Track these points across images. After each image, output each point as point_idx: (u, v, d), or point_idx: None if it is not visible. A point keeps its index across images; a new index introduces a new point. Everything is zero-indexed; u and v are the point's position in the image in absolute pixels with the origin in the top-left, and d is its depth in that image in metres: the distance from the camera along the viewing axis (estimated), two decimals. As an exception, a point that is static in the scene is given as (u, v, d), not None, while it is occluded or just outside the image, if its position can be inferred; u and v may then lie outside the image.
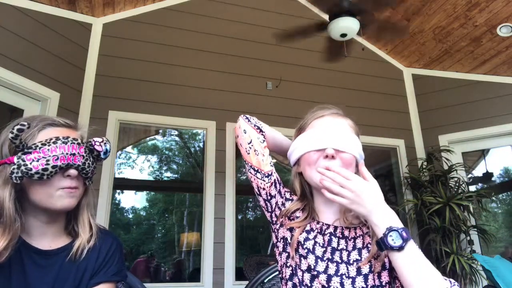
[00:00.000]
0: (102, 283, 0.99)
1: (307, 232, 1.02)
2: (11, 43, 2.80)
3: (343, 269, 0.96)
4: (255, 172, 1.08)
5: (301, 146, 1.04)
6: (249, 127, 1.10)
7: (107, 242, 1.04)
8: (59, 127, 0.98)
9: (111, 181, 3.13)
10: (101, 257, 1.01)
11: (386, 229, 0.87)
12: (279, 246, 1.07)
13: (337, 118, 1.07)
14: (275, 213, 1.09)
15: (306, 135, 1.05)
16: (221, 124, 3.53)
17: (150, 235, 4.45)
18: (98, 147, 1.00)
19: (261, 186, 1.08)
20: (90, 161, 0.99)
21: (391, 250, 0.86)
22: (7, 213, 0.88)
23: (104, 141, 1.02)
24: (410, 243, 0.86)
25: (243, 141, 1.10)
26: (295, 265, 1.00)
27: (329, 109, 1.10)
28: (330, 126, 1.04)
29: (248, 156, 1.09)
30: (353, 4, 2.97)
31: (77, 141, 0.96)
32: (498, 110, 3.91)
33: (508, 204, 4.36)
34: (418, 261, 0.86)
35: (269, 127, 1.15)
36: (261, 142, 1.09)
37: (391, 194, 4.39)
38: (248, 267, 3.43)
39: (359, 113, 4.00)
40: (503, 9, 3.41)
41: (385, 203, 0.92)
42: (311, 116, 1.10)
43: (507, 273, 2.19)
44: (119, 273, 1.03)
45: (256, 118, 1.15)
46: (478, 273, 3.29)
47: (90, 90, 3.28)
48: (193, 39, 3.78)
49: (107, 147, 1.03)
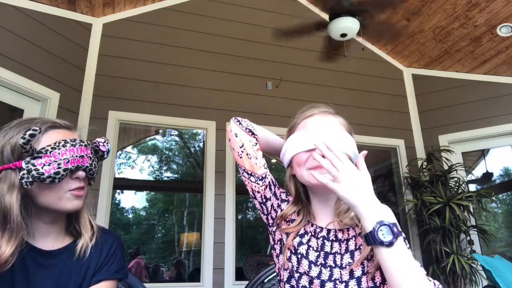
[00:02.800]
0: (103, 280, 0.99)
1: (300, 236, 1.01)
2: (11, 43, 2.80)
3: (337, 273, 0.94)
4: (249, 175, 1.07)
5: (291, 148, 1.02)
6: (240, 131, 1.08)
7: (108, 241, 1.05)
8: (61, 129, 0.99)
9: (111, 181, 3.13)
10: (103, 255, 1.02)
11: (377, 223, 0.81)
12: (276, 249, 1.06)
13: (327, 116, 1.05)
14: (271, 215, 1.08)
15: (296, 136, 1.02)
16: (221, 124, 3.53)
17: (150, 235, 4.45)
18: (102, 147, 1.02)
19: (256, 189, 1.07)
20: (96, 161, 1.01)
21: (380, 245, 0.80)
22: (15, 220, 0.87)
23: (106, 141, 1.05)
24: (400, 239, 0.81)
25: (235, 145, 1.08)
26: (291, 267, 0.99)
27: (319, 107, 1.08)
28: (319, 125, 1.02)
29: (241, 160, 1.07)
30: (354, 4, 2.98)
31: (84, 143, 0.98)
32: (498, 110, 3.92)
33: (508, 204, 4.36)
34: (406, 260, 0.80)
35: (261, 128, 1.12)
36: (253, 145, 1.07)
37: (391, 194, 4.39)
38: (248, 267, 3.43)
39: (359, 113, 4.04)
40: (503, 9, 3.41)
41: (374, 196, 0.87)
42: (300, 115, 1.07)
43: (507, 273, 2.19)
44: (121, 270, 1.04)
45: (248, 120, 1.12)
46: (478, 273, 3.29)
47: (90, 90, 3.28)
48: (193, 39, 3.78)
49: (109, 147, 1.05)
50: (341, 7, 2.94)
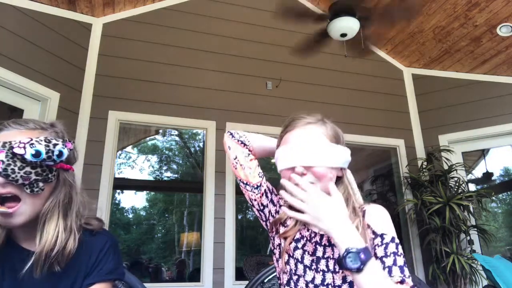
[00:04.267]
0: (96, 283, 0.97)
1: (296, 241, 1.03)
2: (11, 43, 2.80)
3: (329, 278, 0.97)
4: (245, 185, 1.12)
5: (277, 162, 1.04)
6: (233, 143, 1.15)
7: (100, 242, 1.02)
8: (14, 130, 0.93)
9: (111, 181, 3.13)
10: (93, 257, 0.99)
11: (345, 250, 0.84)
12: (276, 253, 1.09)
13: (309, 129, 1.03)
14: (270, 221, 1.11)
15: (280, 152, 1.03)
16: (221, 124, 3.52)
17: (150, 235, 4.45)
18: (17, 150, 0.86)
19: (252, 198, 1.12)
20: (17, 166, 0.86)
21: (350, 271, 0.84)
22: None
23: (32, 142, 0.88)
24: (369, 265, 0.83)
25: (229, 157, 1.15)
26: (289, 270, 1.01)
27: (301, 119, 1.06)
28: (299, 141, 1.01)
29: (236, 171, 1.13)
30: (355, 5, 2.97)
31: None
32: (498, 110, 3.91)
33: (508, 204, 4.36)
34: (376, 283, 0.82)
35: (256, 136, 1.16)
36: (245, 156, 1.13)
37: (391, 194, 4.39)
38: (248, 267, 3.43)
39: (359, 113, 4.04)
40: (503, 9, 3.41)
41: (347, 220, 0.89)
42: (285, 128, 1.08)
43: (507, 273, 2.19)
44: (114, 271, 1.01)
45: (242, 132, 1.16)
46: (478, 273, 3.29)
47: (90, 90, 3.28)
48: (193, 39, 3.77)
49: (38, 148, 0.89)
50: (342, 7, 2.93)
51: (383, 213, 1.00)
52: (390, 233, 0.95)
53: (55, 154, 0.91)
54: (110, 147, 3.18)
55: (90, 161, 3.05)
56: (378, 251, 0.92)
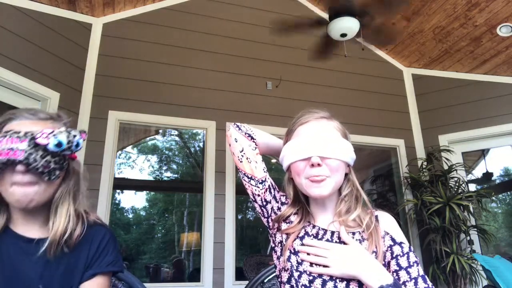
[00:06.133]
0: (97, 275, 0.98)
1: (300, 238, 1.03)
2: (11, 43, 2.80)
3: None
4: (249, 179, 1.09)
5: (288, 155, 1.04)
6: (240, 136, 1.10)
7: (99, 234, 1.03)
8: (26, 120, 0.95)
9: (111, 181, 3.13)
10: (93, 248, 1.00)
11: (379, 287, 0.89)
12: (277, 251, 1.08)
13: (323, 122, 1.06)
14: (271, 218, 1.10)
15: (292, 144, 1.04)
16: (221, 124, 3.52)
17: (150, 235, 4.45)
18: (41, 140, 0.90)
19: (256, 193, 1.09)
20: (38, 155, 0.90)
21: None
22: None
23: (55, 133, 0.92)
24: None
25: (235, 150, 1.10)
26: (291, 267, 1.00)
27: (314, 113, 1.09)
28: (314, 132, 1.03)
29: (241, 164, 1.09)
30: (356, 5, 2.97)
31: (18, 133, 0.89)
32: (498, 110, 3.91)
33: (508, 204, 4.36)
34: None
35: (260, 132, 1.15)
36: (253, 149, 1.10)
37: (391, 194, 4.39)
38: (248, 267, 3.43)
39: (359, 113, 4.04)
40: (503, 9, 3.41)
41: (372, 259, 0.94)
42: (297, 121, 1.09)
43: (507, 273, 2.19)
44: (115, 263, 1.02)
45: (247, 125, 1.14)
46: (478, 273, 3.29)
47: (90, 90, 3.28)
48: (193, 39, 3.77)
49: (60, 139, 0.92)
50: (341, 7, 2.93)
51: (395, 221, 1.05)
52: (406, 242, 1.00)
53: (74, 144, 0.96)
54: (110, 147, 3.18)
55: (90, 161, 3.05)
56: (401, 261, 0.96)
